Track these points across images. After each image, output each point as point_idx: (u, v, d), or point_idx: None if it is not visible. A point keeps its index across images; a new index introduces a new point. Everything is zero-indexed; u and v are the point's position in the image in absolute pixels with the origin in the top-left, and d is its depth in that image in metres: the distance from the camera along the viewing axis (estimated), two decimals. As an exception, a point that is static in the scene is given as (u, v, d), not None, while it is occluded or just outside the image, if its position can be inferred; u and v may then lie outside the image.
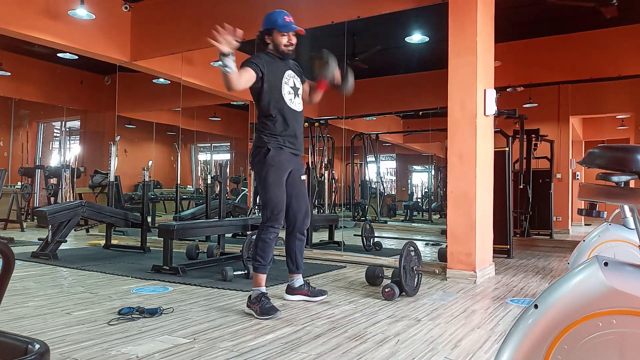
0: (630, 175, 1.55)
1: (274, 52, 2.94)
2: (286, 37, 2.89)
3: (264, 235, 2.87)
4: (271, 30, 2.90)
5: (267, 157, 2.85)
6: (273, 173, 2.86)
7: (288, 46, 2.91)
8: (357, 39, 6.21)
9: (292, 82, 2.98)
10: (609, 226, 2.58)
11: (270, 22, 2.89)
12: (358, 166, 9.61)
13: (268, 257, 2.85)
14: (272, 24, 2.88)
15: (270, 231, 2.86)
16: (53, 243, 4.75)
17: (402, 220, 9.30)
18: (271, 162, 2.86)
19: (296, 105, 2.97)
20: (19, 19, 5.16)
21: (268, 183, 2.87)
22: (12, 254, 1.03)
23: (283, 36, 2.88)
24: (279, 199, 2.88)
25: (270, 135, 2.88)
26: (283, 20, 2.87)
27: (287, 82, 2.95)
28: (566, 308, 0.98)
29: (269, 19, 2.90)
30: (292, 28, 2.88)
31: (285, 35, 2.89)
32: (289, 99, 2.93)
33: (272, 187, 2.87)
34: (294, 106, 2.95)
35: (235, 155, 10.37)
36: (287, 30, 2.88)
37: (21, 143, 10.19)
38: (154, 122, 9.53)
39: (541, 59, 6.46)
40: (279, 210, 2.88)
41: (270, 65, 2.88)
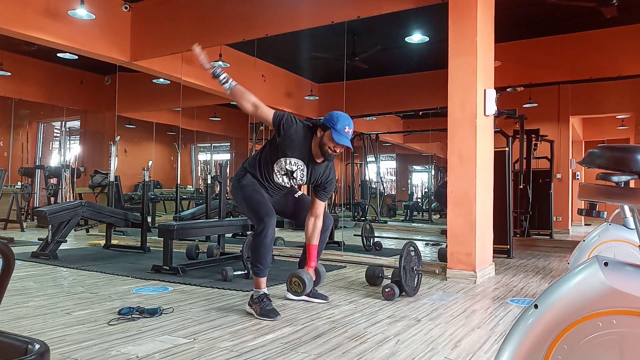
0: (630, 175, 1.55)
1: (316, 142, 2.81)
2: (334, 144, 2.76)
3: (259, 240, 2.81)
4: (326, 128, 2.76)
5: (241, 180, 2.91)
6: (248, 187, 2.89)
7: (330, 152, 2.79)
8: (357, 39, 6.21)
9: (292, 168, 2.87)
10: (609, 226, 2.59)
11: (332, 121, 2.76)
12: (358, 166, 9.62)
13: (266, 261, 2.83)
14: (331, 124, 2.75)
15: (264, 234, 2.78)
16: (53, 243, 4.75)
17: (402, 220, 9.30)
18: (245, 182, 2.90)
19: (278, 180, 2.93)
20: (19, 19, 5.16)
21: (246, 195, 2.88)
22: (12, 254, 1.03)
23: (332, 142, 2.75)
24: (259, 202, 2.85)
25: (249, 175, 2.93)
26: (342, 128, 2.74)
27: (290, 164, 2.86)
28: (566, 308, 0.98)
29: (332, 117, 2.78)
30: (344, 143, 2.74)
31: (334, 143, 2.76)
32: (278, 175, 2.90)
33: (251, 195, 2.87)
34: (277, 179, 2.92)
35: (235, 155, 10.36)
36: (338, 140, 2.73)
37: (21, 143, 10.20)
38: (154, 122, 9.53)
39: (541, 59, 6.46)
40: (264, 211, 2.81)
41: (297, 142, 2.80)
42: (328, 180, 2.96)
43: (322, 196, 2.99)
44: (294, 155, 2.83)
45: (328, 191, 3.00)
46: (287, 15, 5.21)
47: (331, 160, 2.92)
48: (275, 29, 5.33)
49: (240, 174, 2.98)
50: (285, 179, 2.92)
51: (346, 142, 2.75)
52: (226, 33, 5.68)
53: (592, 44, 6.19)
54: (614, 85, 6.80)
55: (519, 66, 6.53)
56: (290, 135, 2.78)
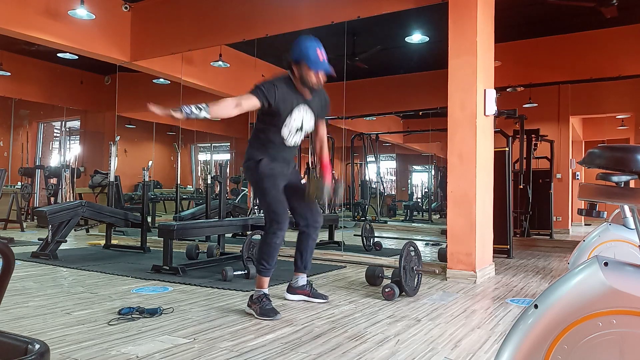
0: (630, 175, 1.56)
1: (298, 82, 2.76)
2: (314, 75, 2.70)
3: (269, 240, 2.82)
4: (300, 62, 2.70)
5: (259, 164, 2.84)
6: (268, 178, 2.84)
7: (315, 84, 2.74)
8: (357, 39, 6.21)
9: (299, 122, 2.84)
10: (609, 226, 2.58)
11: (302, 53, 2.68)
12: (358, 166, 9.62)
13: (273, 261, 2.83)
14: (302, 56, 2.68)
15: (276, 235, 2.81)
16: (53, 243, 4.75)
17: (402, 220, 9.30)
18: (263, 169, 2.84)
19: (291, 140, 2.89)
20: (19, 19, 5.16)
21: (265, 189, 2.84)
22: (12, 254, 1.03)
23: (311, 73, 2.70)
24: (277, 201, 2.85)
25: (261, 151, 2.88)
26: (315, 55, 2.66)
27: (295, 120, 2.81)
28: (566, 308, 0.98)
29: (299, 48, 2.70)
30: (322, 67, 2.69)
31: (313, 73, 2.70)
32: (287, 136, 2.86)
33: (270, 192, 2.84)
34: (289, 142, 2.89)
35: (235, 155, 10.36)
36: (317, 68, 2.68)
37: (21, 143, 10.19)
38: (154, 122, 9.52)
39: (541, 59, 6.46)
40: (281, 212, 2.84)
41: (285, 96, 2.72)
42: (326, 103, 3.00)
43: (323, 115, 3.01)
44: (293, 108, 2.78)
45: (327, 110, 3.04)
46: (287, 15, 5.21)
47: (320, 88, 2.85)
48: (275, 29, 5.33)
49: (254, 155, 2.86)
50: (297, 137, 2.90)
51: (325, 67, 2.69)
52: (226, 33, 5.68)
53: (592, 44, 6.19)
54: (614, 85, 6.79)
55: (519, 66, 6.53)
56: (279, 97, 2.69)
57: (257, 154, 2.87)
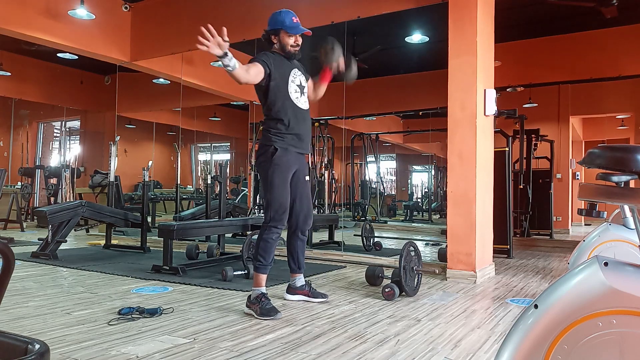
0: (630, 175, 1.55)
1: (280, 51, 2.93)
2: (293, 38, 2.89)
3: (266, 235, 2.85)
4: (278, 31, 2.89)
5: (274, 156, 2.84)
6: (279, 173, 2.85)
7: (295, 47, 2.91)
8: (357, 39, 6.21)
9: (298, 81, 2.98)
10: (609, 226, 2.58)
11: (278, 22, 2.88)
12: (358, 166, 9.62)
13: (269, 257, 2.84)
14: (279, 24, 2.87)
15: (272, 231, 2.85)
16: (53, 243, 4.75)
17: (402, 220, 9.30)
18: (277, 162, 2.84)
19: (302, 104, 2.97)
20: (19, 19, 5.16)
21: (274, 183, 2.85)
22: (12, 254, 1.03)
23: (290, 37, 2.89)
24: (283, 199, 2.87)
25: (277, 134, 2.87)
26: (291, 21, 2.86)
27: (294, 80, 2.95)
28: (566, 308, 0.98)
29: (276, 18, 2.89)
30: (300, 30, 2.88)
31: (292, 37, 2.89)
32: (296, 97, 2.93)
33: (278, 188, 2.85)
34: (301, 104, 2.95)
35: (235, 155, 10.36)
36: (294, 32, 2.88)
37: (21, 143, 10.19)
38: (154, 122, 9.53)
39: (541, 59, 6.46)
40: (283, 210, 2.87)
41: (278, 63, 2.87)
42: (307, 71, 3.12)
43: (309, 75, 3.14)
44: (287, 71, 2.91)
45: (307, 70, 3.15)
46: (287, 15, 5.20)
47: (298, 56, 2.99)
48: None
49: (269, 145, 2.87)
50: (302, 97, 2.98)
51: (301, 29, 2.88)
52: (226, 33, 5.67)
53: (592, 44, 6.19)
54: (614, 85, 6.80)
55: (519, 66, 6.53)
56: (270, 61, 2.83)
57: (273, 140, 2.86)
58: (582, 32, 6.19)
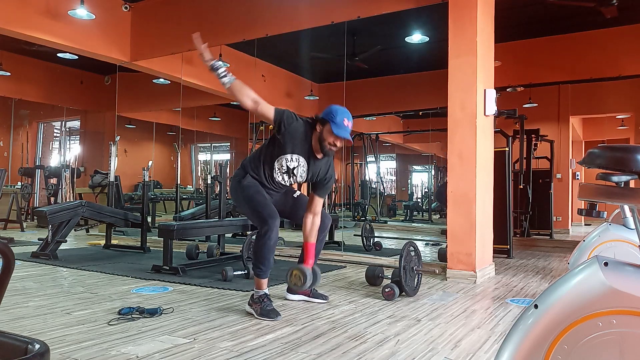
0: (630, 175, 1.55)
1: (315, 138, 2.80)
2: (333, 137, 2.75)
3: (262, 242, 2.78)
4: (325, 122, 2.76)
5: (243, 179, 2.86)
6: (249, 188, 2.85)
7: (331, 147, 2.78)
8: (357, 39, 6.21)
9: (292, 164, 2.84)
10: (609, 226, 2.59)
11: (330, 115, 2.75)
12: (358, 166, 9.62)
13: (269, 262, 2.80)
14: (330, 118, 2.74)
15: (268, 237, 2.76)
16: (53, 243, 4.75)
17: (402, 220, 9.30)
18: (245, 183, 2.86)
19: (278, 178, 2.89)
20: (19, 19, 5.16)
21: (247, 195, 2.84)
22: (12, 254, 1.03)
23: (331, 135, 2.75)
24: (262, 204, 2.81)
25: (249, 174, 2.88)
26: (341, 122, 2.73)
27: (290, 162, 2.83)
28: (566, 308, 0.98)
29: (330, 110, 2.77)
30: (344, 135, 2.74)
31: (332, 136, 2.75)
32: (278, 174, 2.87)
33: (253, 198, 2.83)
34: (276, 176, 2.88)
35: (235, 155, 10.36)
36: (338, 133, 2.73)
37: (21, 143, 10.19)
38: (154, 122, 9.53)
39: (541, 59, 6.46)
40: (268, 212, 2.79)
41: (296, 135, 2.77)
42: (327, 176, 2.94)
43: (321, 193, 2.95)
44: (294, 151, 2.81)
45: (327, 188, 2.97)
46: (287, 15, 5.21)
47: (331, 155, 2.89)
48: (275, 29, 5.33)
49: (240, 174, 2.93)
50: (285, 177, 2.88)
51: (346, 135, 2.74)
52: (226, 33, 5.68)
53: (592, 44, 6.19)
54: (614, 85, 6.80)
55: (519, 66, 6.53)
56: (291, 131, 2.76)
57: (244, 175, 2.88)
58: (582, 32, 6.19)
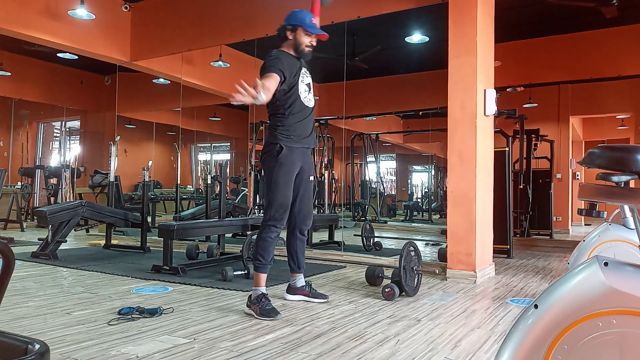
0: (630, 175, 1.55)
1: (291, 49, 2.92)
2: (309, 37, 2.89)
3: (265, 234, 2.85)
4: (296, 27, 2.88)
5: (279, 155, 2.84)
6: (284, 173, 2.85)
7: (309, 47, 2.91)
8: (357, 39, 6.21)
9: (307, 80, 2.99)
10: (609, 226, 2.58)
11: (298, 19, 2.87)
12: (358, 166, 9.62)
13: (269, 256, 2.84)
14: (299, 21, 2.86)
15: (272, 230, 2.85)
16: (53, 243, 4.75)
17: (402, 220, 9.30)
18: (282, 161, 2.84)
19: (309, 102, 2.98)
20: (19, 19, 5.16)
21: (278, 183, 2.85)
22: (12, 254, 1.03)
23: (307, 36, 2.88)
24: (286, 199, 2.87)
25: (283, 132, 2.87)
26: (310, 21, 2.87)
27: (303, 80, 2.95)
28: (566, 308, 0.98)
29: (296, 15, 2.89)
30: (318, 31, 2.88)
31: (309, 36, 2.89)
32: (304, 97, 2.94)
33: (282, 188, 2.85)
34: (308, 103, 2.97)
35: (235, 155, 10.36)
36: (313, 31, 2.87)
37: (21, 143, 10.19)
38: (154, 122, 9.53)
39: (541, 59, 6.46)
40: (284, 210, 2.87)
41: (289, 64, 2.86)
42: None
43: None
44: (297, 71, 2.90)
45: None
46: (287, 15, 5.20)
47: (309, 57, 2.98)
48: (275, 29, 5.31)
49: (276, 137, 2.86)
50: (309, 95, 2.98)
51: (320, 31, 2.88)
52: (226, 33, 5.68)
53: (592, 44, 6.19)
54: (614, 85, 6.79)
55: (519, 66, 6.53)
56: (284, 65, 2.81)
57: (279, 138, 2.86)
58: (582, 32, 6.19)
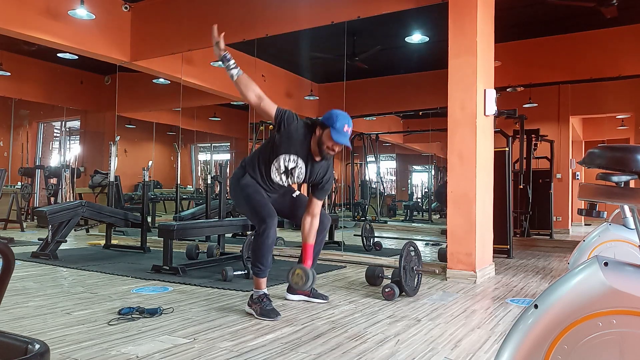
0: (630, 175, 1.56)
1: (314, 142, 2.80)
2: (332, 143, 2.74)
3: (260, 241, 2.79)
4: (325, 127, 2.74)
5: (240, 179, 2.87)
6: (247, 187, 2.85)
7: (329, 151, 2.77)
8: (357, 39, 6.21)
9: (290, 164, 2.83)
10: (609, 226, 2.59)
11: (331, 119, 2.73)
12: (358, 166, 9.62)
13: (267, 261, 2.81)
14: (330, 123, 2.72)
15: (266, 235, 2.76)
16: (53, 243, 4.75)
17: (402, 220, 9.30)
18: (244, 182, 2.86)
19: (275, 178, 2.88)
20: (19, 19, 5.16)
21: (245, 194, 2.84)
22: (12, 254, 1.03)
23: (330, 140, 2.73)
24: (261, 204, 2.82)
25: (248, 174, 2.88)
26: (341, 128, 2.72)
27: (288, 162, 2.82)
28: (566, 308, 0.98)
29: (331, 115, 2.76)
30: (343, 142, 2.73)
31: (332, 142, 2.73)
32: (275, 176, 2.86)
33: (251, 197, 2.83)
34: (279, 181, 2.88)
35: (235, 155, 10.36)
36: (337, 139, 2.71)
37: (21, 143, 10.19)
38: (154, 122, 9.53)
39: (541, 59, 6.46)
40: (266, 211, 2.79)
41: (295, 135, 2.77)
42: (326, 179, 2.94)
43: (320, 195, 2.95)
44: (292, 152, 2.80)
45: (326, 190, 2.97)
46: (287, 15, 5.21)
47: (329, 159, 2.89)
48: (275, 29, 5.32)
49: (239, 173, 2.93)
50: (283, 177, 2.87)
51: (345, 141, 2.73)
52: (226, 33, 5.60)
53: (592, 44, 6.19)
54: (614, 85, 6.80)
55: (519, 66, 6.53)
56: (290, 131, 2.76)
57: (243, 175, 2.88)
58: (582, 32, 6.19)
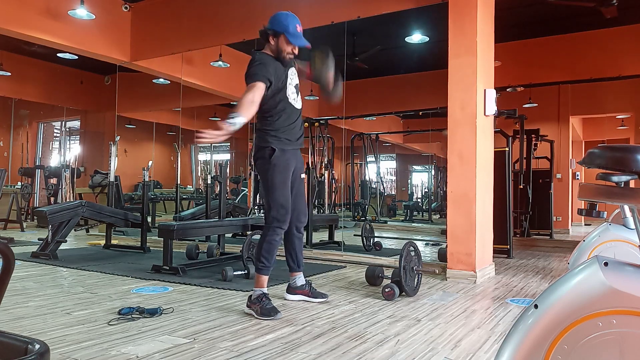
0: (630, 175, 1.55)
1: (274, 54, 2.84)
2: (291, 46, 2.80)
3: (269, 237, 2.83)
4: (279, 34, 2.78)
5: (272, 157, 2.82)
6: (279, 174, 2.84)
7: (290, 55, 2.84)
8: (357, 39, 6.21)
9: (295, 82, 2.95)
10: (609, 226, 2.58)
11: (282, 25, 2.77)
12: (358, 166, 9.62)
13: (272, 258, 2.83)
14: (282, 28, 2.77)
15: (276, 232, 2.83)
16: (53, 243, 4.75)
17: (402, 220, 9.30)
18: (277, 162, 2.83)
19: (298, 103, 2.96)
20: (19, 19, 5.16)
21: (275, 184, 2.84)
22: (12, 254, 1.03)
23: (289, 45, 2.79)
24: (285, 199, 2.85)
25: (272, 134, 2.85)
26: (295, 29, 2.77)
27: (291, 82, 2.91)
28: (566, 308, 0.98)
29: (280, 20, 2.79)
30: (301, 43, 2.80)
31: (291, 45, 2.80)
32: (293, 99, 2.92)
33: (279, 188, 2.84)
34: (296, 104, 2.94)
35: (235, 155, 10.37)
36: (296, 42, 2.79)
37: (21, 143, 10.19)
38: (154, 122, 9.53)
39: (541, 59, 6.47)
40: (286, 210, 2.85)
41: (274, 68, 2.80)
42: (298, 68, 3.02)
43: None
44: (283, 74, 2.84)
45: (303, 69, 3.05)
46: (287, 15, 5.20)
47: (293, 64, 2.94)
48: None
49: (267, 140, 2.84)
50: (298, 97, 2.94)
51: (304, 42, 2.80)
52: (226, 33, 5.68)
53: (592, 44, 6.19)
54: (614, 85, 6.80)
55: (519, 66, 6.53)
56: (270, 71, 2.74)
57: (270, 140, 2.83)
58: (582, 32, 6.19)
